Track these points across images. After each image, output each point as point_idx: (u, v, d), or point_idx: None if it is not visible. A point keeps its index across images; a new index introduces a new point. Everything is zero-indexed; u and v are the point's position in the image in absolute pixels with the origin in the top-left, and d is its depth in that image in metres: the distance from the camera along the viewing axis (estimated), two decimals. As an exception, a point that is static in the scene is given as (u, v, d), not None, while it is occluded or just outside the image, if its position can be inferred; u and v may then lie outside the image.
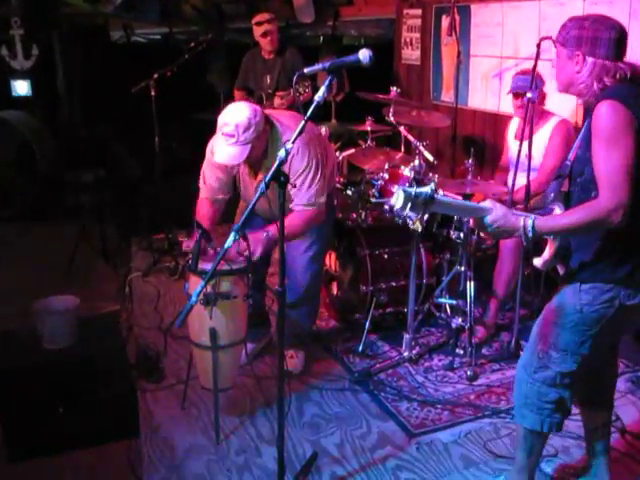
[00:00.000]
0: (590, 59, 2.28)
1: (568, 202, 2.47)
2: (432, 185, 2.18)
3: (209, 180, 3.63)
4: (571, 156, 2.46)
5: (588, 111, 2.36)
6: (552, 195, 2.53)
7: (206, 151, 3.61)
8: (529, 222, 2.27)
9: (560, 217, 2.33)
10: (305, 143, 3.40)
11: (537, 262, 2.52)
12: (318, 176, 3.46)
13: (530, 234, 2.27)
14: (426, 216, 2.27)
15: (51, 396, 3.23)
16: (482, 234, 2.40)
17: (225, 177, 3.63)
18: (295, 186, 3.35)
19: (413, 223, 2.37)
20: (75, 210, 6.34)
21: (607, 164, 2.19)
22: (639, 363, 3.92)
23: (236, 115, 3.25)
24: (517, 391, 2.66)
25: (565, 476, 3.01)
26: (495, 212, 2.30)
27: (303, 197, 3.46)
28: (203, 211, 3.61)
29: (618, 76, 2.26)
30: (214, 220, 3.64)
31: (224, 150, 3.26)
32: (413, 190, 2.15)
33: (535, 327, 2.62)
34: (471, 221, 2.34)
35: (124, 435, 3.33)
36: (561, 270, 2.52)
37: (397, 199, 2.16)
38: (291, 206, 3.44)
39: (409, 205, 2.15)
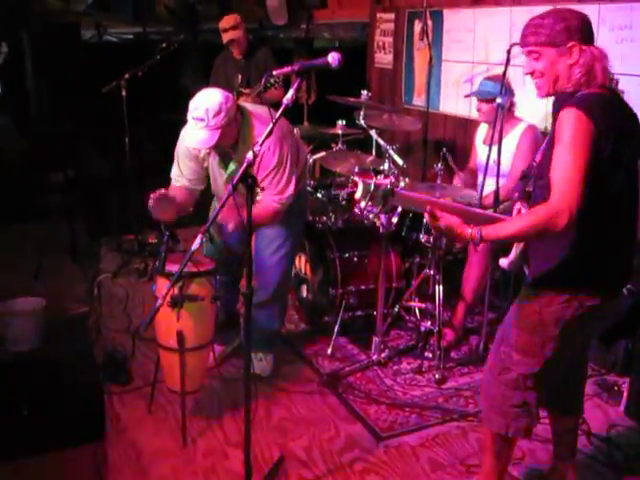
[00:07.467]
0: (584, 46, 2.27)
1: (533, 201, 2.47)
2: (392, 179, 2.25)
3: (182, 168, 3.60)
4: (537, 157, 2.47)
5: (556, 107, 2.37)
6: (516, 195, 2.54)
7: (178, 141, 3.58)
8: (476, 233, 2.28)
9: (508, 224, 2.31)
10: (277, 139, 3.36)
11: (503, 262, 2.54)
12: (287, 174, 3.43)
13: (477, 243, 2.30)
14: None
15: (15, 398, 3.19)
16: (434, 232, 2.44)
17: (196, 166, 3.59)
18: (263, 189, 3.33)
19: (373, 216, 2.47)
20: (44, 210, 6.26)
21: (563, 168, 2.19)
22: (605, 366, 3.95)
23: (207, 99, 3.21)
24: (483, 394, 2.68)
25: (532, 479, 3.03)
26: (447, 218, 2.32)
27: (272, 193, 3.42)
28: (174, 192, 3.55)
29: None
30: (188, 204, 3.62)
31: (194, 134, 3.23)
32: (373, 182, 2.26)
33: (499, 329, 2.64)
34: (426, 216, 2.35)
35: (90, 438, 3.29)
36: (527, 271, 2.54)
37: (358, 190, 2.29)
38: (258, 198, 3.40)
39: (368, 196, 2.27)
